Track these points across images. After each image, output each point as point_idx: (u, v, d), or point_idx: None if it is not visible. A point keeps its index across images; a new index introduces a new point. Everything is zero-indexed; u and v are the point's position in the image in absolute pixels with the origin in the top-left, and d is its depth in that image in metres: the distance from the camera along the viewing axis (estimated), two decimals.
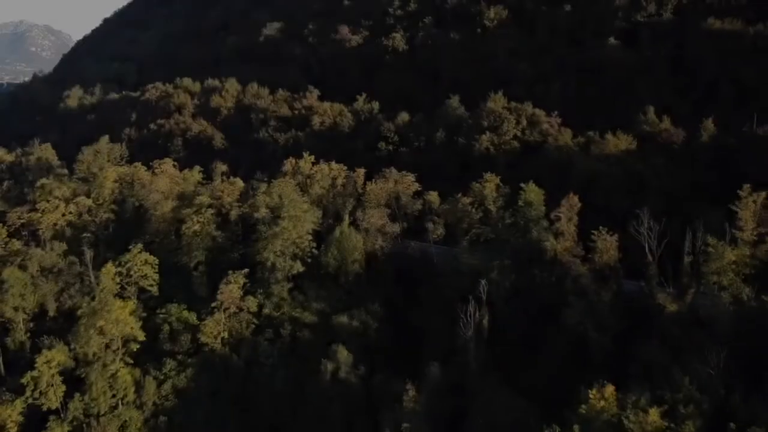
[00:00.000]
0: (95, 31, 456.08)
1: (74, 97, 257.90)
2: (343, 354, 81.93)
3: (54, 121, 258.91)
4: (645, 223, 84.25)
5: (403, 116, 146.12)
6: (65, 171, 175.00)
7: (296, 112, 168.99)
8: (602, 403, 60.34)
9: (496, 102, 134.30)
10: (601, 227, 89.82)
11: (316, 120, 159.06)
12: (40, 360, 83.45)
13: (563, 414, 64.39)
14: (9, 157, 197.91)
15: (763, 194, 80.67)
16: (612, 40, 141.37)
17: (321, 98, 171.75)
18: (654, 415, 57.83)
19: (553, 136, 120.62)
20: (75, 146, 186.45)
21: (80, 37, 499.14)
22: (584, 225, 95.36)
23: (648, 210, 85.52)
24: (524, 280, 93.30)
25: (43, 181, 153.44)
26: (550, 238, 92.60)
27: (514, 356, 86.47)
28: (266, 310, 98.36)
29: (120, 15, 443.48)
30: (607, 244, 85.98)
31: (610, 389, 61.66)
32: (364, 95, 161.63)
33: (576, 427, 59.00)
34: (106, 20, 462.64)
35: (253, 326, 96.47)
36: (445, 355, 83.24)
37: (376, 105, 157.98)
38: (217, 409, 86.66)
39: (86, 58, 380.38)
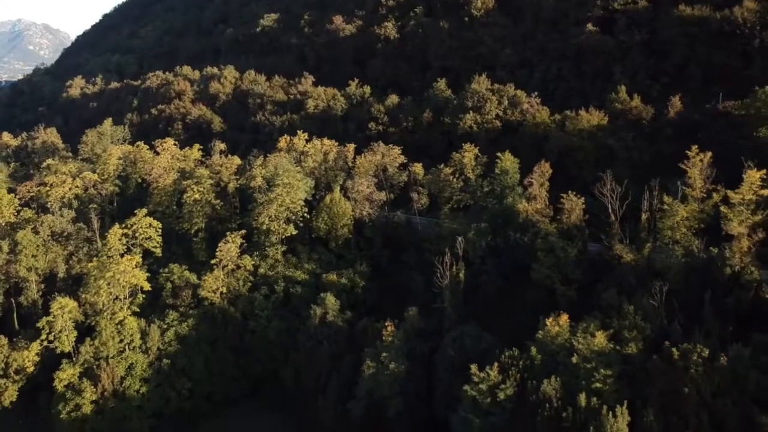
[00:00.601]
0: (95, 27, 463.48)
1: (76, 86, 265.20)
2: (331, 300, 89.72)
3: (56, 111, 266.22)
4: (608, 185, 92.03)
5: (393, 99, 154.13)
6: (69, 154, 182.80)
7: (292, 96, 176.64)
8: (557, 328, 68.12)
9: (480, 84, 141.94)
10: (569, 191, 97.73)
11: (310, 103, 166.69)
12: (54, 305, 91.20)
13: (525, 345, 72.26)
14: (14, 142, 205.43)
15: (709, 154, 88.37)
16: (591, 26, 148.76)
17: (315, 84, 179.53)
18: (600, 337, 65.72)
19: (532, 114, 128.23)
20: (78, 132, 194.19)
21: (78, 35, 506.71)
22: (557, 193, 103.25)
23: (611, 173, 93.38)
24: (500, 240, 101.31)
25: (50, 161, 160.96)
26: (523, 201, 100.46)
27: (488, 308, 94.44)
28: (261, 270, 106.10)
29: (119, 10, 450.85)
30: (573, 204, 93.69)
31: (564, 318, 69.56)
32: (356, 81, 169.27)
33: (533, 349, 66.75)
34: (105, 16, 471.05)
35: (250, 284, 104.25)
36: (424, 305, 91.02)
37: (367, 89, 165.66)
38: (217, 355, 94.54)
39: (86, 52, 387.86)
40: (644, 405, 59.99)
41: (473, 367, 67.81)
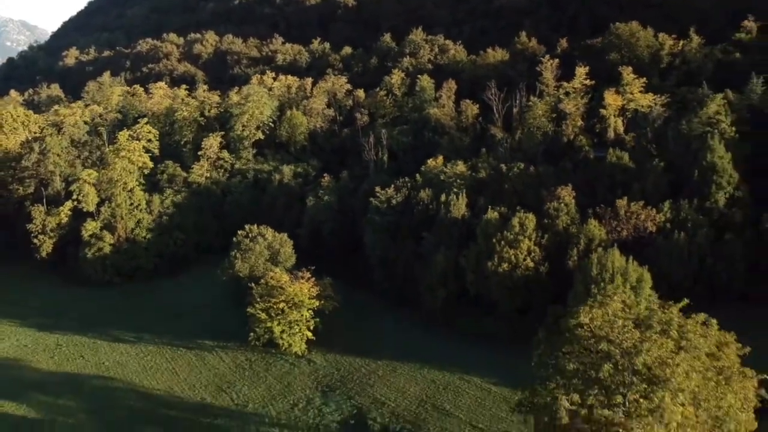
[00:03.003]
0: (81, 12, 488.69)
1: (71, 56, 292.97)
2: (286, 170, 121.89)
3: (54, 79, 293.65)
4: (492, 90, 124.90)
5: (347, 50, 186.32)
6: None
7: (264, 53, 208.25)
8: (434, 163, 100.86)
9: (417, 35, 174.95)
10: (468, 100, 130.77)
11: (279, 57, 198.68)
12: (82, 173, 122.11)
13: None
14: (20, 98, 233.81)
15: (557, 60, 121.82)
16: None
17: (284, 44, 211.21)
18: (461, 166, 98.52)
19: (453, 55, 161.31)
20: (75, 94, 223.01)
21: (65, 20, 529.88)
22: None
23: (495, 81, 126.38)
24: (418, 141, 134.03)
25: (56, 107, 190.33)
26: (434, 109, 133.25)
27: None
28: (237, 166, 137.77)
29: None
30: (467, 106, 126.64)
31: (440, 158, 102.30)
32: (318, 39, 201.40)
33: (417, 175, 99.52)
34: (91, 2, 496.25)
35: (228, 174, 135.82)
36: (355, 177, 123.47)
37: (327, 45, 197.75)
38: (203, 217, 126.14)
39: (76, 33, 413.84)
40: (480, 197, 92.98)
41: (378, 188, 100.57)
